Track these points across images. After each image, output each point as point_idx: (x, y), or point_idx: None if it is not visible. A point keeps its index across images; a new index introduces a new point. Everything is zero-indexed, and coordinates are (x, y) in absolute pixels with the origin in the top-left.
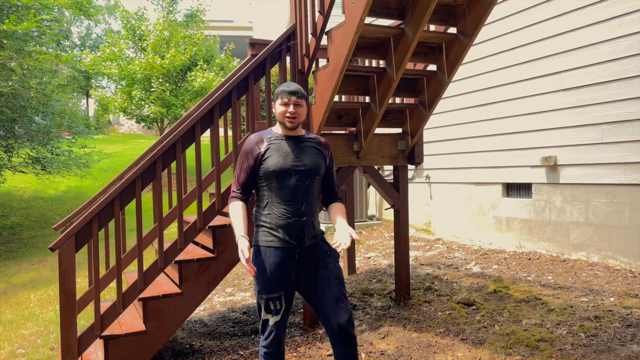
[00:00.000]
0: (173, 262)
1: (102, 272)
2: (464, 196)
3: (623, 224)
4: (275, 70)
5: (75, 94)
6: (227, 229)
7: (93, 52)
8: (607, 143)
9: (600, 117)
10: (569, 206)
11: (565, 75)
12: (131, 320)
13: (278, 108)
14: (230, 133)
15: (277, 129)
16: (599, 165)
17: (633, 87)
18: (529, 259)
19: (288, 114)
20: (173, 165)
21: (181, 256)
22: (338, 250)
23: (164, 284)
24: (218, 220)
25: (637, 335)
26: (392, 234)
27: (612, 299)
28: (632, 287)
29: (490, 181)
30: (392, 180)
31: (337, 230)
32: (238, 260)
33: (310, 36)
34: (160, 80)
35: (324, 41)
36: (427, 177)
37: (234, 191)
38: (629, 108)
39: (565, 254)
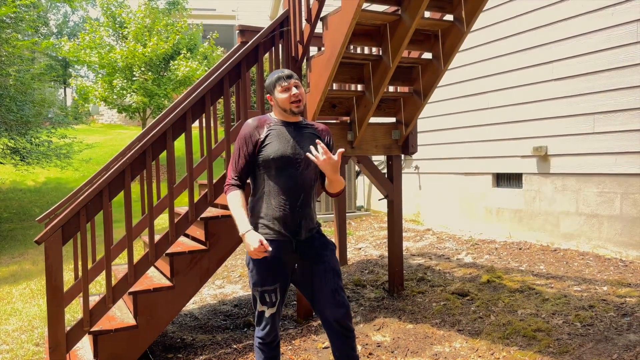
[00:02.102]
0: (164, 254)
1: (89, 265)
2: (453, 186)
3: (613, 213)
4: (265, 58)
5: (52, 82)
6: (220, 220)
7: (72, 40)
8: (599, 133)
9: (592, 107)
10: (559, 196)
11: (557, 65)
12: (121, 315)
13: (279, 96)
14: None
15: (276, 116)
16: (590, 155)
17: (625, 76)
18: (520, 249)
19: (293, 98)
20: (162, 155)
21: (172, 248)
22: (319, 155)
23: (155, 277)
24: (210, 212)
25: (632, 324)
26: (381, 224)
27: (605, 288)
28: (624, 276)
29: (480, 171)
30: (385, 170)
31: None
32: (231, 252)
33: (304, 22)
34: (142, 69)
35: (318, 28)
36: (417, 167)
37: (231, 178)
38: (621, 98)
39: (556, 243)
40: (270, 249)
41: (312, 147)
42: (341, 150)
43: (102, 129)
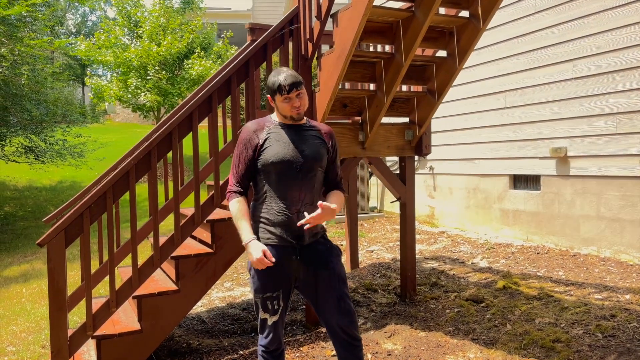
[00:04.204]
0: (169, 257)
1: (96, 266)
2: (469, 188)
3: (636, 217)
4: (275, 58)
5: (70, 81)
6: (226, 222)
7: (88, 39)
8: (621, 134)
9: (614, 107)
10: (579, 199)
11: (577, 63)
12: (125, 319)
13: (280, 104)
14: (229, 122)
15: (276, 117)
16: (612, 157)
17: None
18: (538, 254)
19: (294, 109)
20: (170, 155)
21: (178, 251)
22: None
23: (160, 281)
24: (217, 214)
25: None
26: (395, 226)
27: (627, 297)
28: None
29: (497, 173)
30: (397, 172)
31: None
32: (237, 255)
33: (314, 19)
34: (157, 68)
35: (328, 25)
36: (431, 168)
37: (232, 185)
38: None
39: (575, 248)
40: (273, 259)
41: (305, 214)
42: (325, 204)
43: (118, 128)
